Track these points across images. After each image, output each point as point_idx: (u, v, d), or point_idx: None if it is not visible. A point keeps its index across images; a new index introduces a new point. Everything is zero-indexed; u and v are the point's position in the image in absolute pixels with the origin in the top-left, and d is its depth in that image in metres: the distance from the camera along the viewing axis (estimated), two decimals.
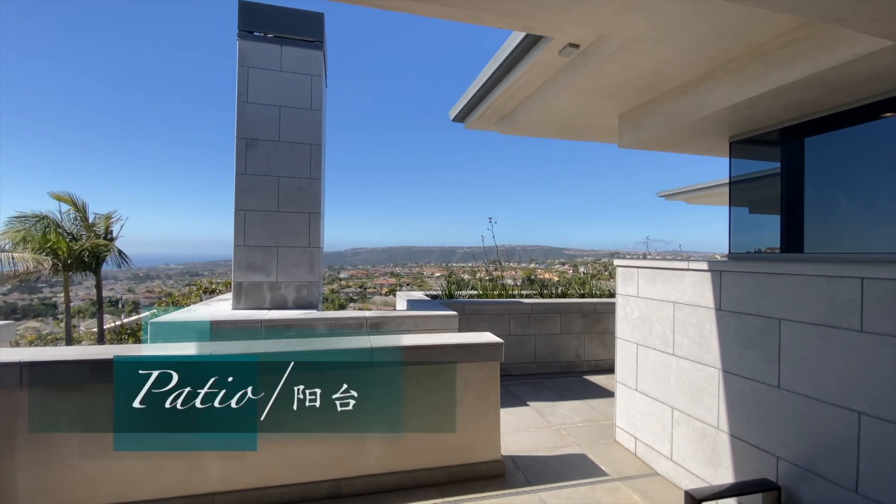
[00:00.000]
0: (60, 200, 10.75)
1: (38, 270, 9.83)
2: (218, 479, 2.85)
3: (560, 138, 5.44)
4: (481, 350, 3.26)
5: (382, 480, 3.11)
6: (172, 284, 32.93)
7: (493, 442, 3.33)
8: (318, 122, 5.35)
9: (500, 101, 4.21)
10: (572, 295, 7.27)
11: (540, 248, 65.10)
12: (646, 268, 3.69)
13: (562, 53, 3.20)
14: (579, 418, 4.62)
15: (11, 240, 10.05)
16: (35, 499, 2.61)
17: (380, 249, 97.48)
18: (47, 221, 10.58)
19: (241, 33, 5.07)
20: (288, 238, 5.26)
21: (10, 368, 2.57)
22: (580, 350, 6.44)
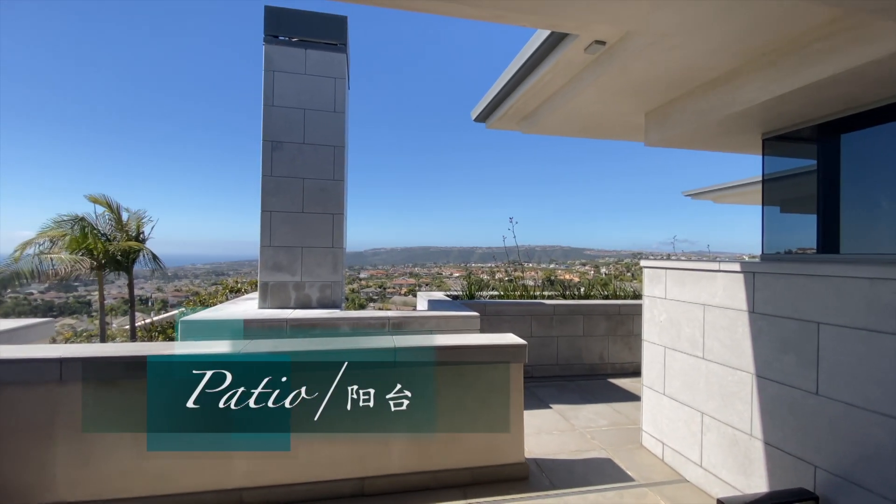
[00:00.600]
0: (96, 203, 11.19)
1: (77, 271, 10.27)
2: (245, 475, 2.91)
3: (583, 137, 5.36)
4: (505, 351, 3.24)
5: (405, 480, 3.12)
6: (199, 284, 33.86)
7: (516, 444, 3.31)
8: (341, 124, 5.41)
9: (522, 100, 4.18)
10: (595, 296, 7.16)
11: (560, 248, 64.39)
12: (674, 269, 3.60)
13: (587, 51, 3.15)
14: (604, 422, 4.54)
15: (51, 240, 10.53)
16: (74, 491, 2.71)
17: (399, 250, 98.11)
18: (84, 223, 11.03)
19: (266, 38, 5.17)
20: (312, 239, 5.34)
21: (49, 364, 2.67)
22: (604, 353, 6.33)
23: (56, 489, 2.69)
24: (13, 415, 2.64)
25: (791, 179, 3.73)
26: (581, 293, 7.34)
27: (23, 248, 10.53)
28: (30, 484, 2.66)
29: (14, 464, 2.64)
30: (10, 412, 2.64)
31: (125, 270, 11.51)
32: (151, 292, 34.50)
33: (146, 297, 31.98)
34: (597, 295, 7.21)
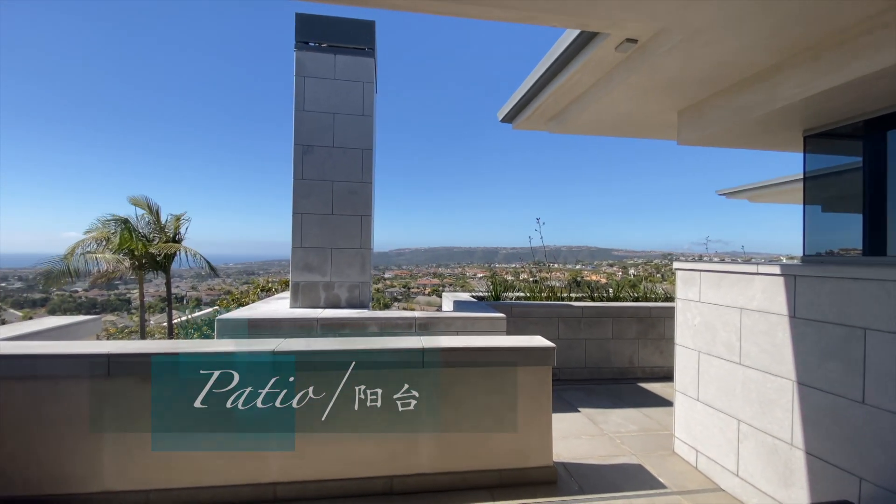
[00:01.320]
0: (136, 205, 11.75)
1: (120, 270, 10.81)
2: (279, 470, 2.99)
3: (613, 136, 5.28)
4: (533, 354, 3.23)
5: (434, 480, 3.14)
6: (231, 283, 34.97)
7: (544, 447, 3.29)
8: (369, 127, 5.50)
9: (550, 100, 4.15)
10: (625, 298, 7.02)
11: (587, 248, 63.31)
12: (709, 271, 3.50)
13: (618, 49, 3.11)
14: (634, 427, 4.45)
15: (96, 241, 11.12)
16: (119, 480, 2.86)
17: (423, 250, 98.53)
18: (127, 225, 11.59)
19: (297, 44, 5.31)
20: (341, 240, 5.45)
21: (97, 359, 2.83)
22: (634, 356, 6.20)
23: (103, 479, 2.84)
24: (66, 407, 2.80)
25: (834, 177, 3.57)
26: (610, 295, 7.21)
27: (73, 249, 11.16)
28: (81, 474, 2.81)
29: (67, 454, 2.80)
30: (64, 404, 2.80)
31: (163, 270, 12.03)
32: (186, 291, 35.86)
33: (181, 295, 33.25)
34: (626, 297, 7.07)
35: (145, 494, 2.85)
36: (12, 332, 3.45)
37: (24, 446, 2.78)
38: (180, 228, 12.43)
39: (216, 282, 36.95)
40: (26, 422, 2.78)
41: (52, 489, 2.79)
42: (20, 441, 2.78)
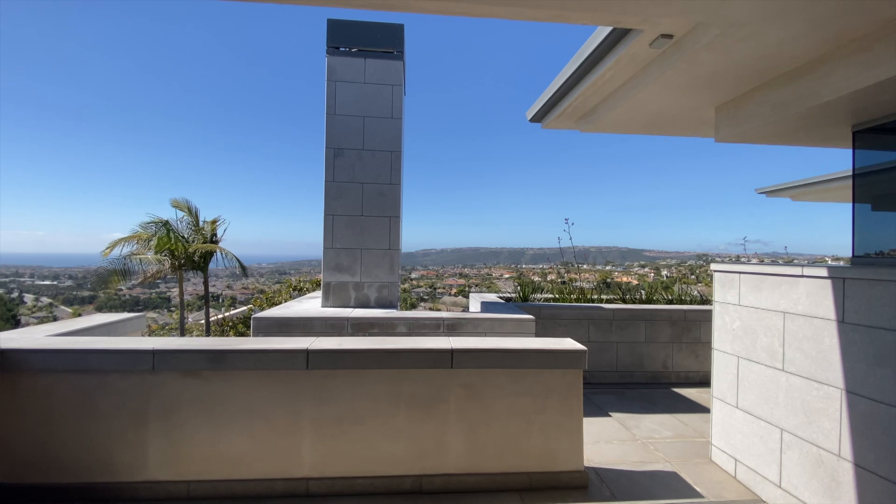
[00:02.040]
0: (178, 207, 12.30)
1: (163, 271, 11.34)
2: (311, 466, 3.06)
3: (645, 134, 5.14)
4: (564, 356, 3.18)
5: (462, 480, 3.15)
6: (264, 282, 36.03)
7: (575, 451, 3.24)
8: (398, 129, 5.56)
9: (581, 99, 4.08)
10: (658, 301, 6.82)
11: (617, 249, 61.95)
12: (749, 273, 3.36)
13: (652, 45, 3.03)
14: (668, 433, 4.33)
15: (139, 242, 11.71)
16: (162, 470, 2.99)
17: (449, 250, 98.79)
18: (168, 227, 12.14)
19: (329, 49, 5.42)
20: (370, 241, 5.53)
21: (143, 355, 2.97)
22: (668, 360, 6.02)
23: (148, 469, 2.98)
24: (115, 400, 2.96)
25: (886, 174, 3.37)
26: (642, 297, 7.02)
27: (112, 247, 11.77)
28: (128, 463, 2.96)
29: (116, 444, 2.96)
30: (113, 397, 2.96)
31: (201, 269, 12.52)
32: (221, 290, 37.18)
33: (217, 294, 34.49)
34: (660, 299, 6.87)
35: (186, 485, 2.98)
36: (64, 328, 3.67)
37: (75, 436, 2.95)
38: (217, 230, 12.94)
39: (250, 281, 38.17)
40: (78, 413, 2.95)
41: (101, 477, 2.95)
42: (72, 431, 2.95)
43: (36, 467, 2.92)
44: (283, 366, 3.04)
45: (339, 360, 3.08)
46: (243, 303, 23.18)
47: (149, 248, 11.65)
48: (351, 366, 3.10)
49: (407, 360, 3.13)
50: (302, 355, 3.04)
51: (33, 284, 50.76)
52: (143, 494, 2.94)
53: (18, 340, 3.08)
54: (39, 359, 2.92)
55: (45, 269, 57.70)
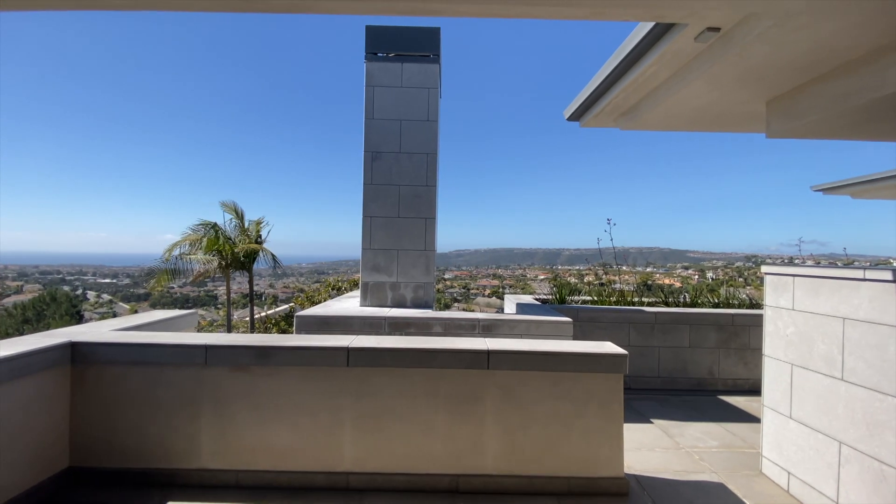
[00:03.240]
0: (226, 209, 12.95)
1: (211, 270, 11.98)
2: (352, 461, 3.15)
3: (690, 130, 4.96)
4: (604, 360, 3.12)
5: (499, 482, 3.14)
6: (303, 281, 37.22)
7: (615, 457, 3.16)
8: (433, 132, 5.62)
9: (621, 96, 3.98)
10: (704, 304, 6.54)
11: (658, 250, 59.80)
12: (805, 276, 3.18)
13: (698, 40, 2.92)
14: (714, 443, 4.15)
15: (190, 243, 12.41)
16: (213, 459, 3.16)
17: (482, 251, 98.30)
18: (217, 228, 12.80)
19: (367, 56, 5.55)
20: (407, 241, 5.61)
21: (196, 350, 3.15)
22: (713, 367, 5.77)
23: (200, 457, 3.16)
24: (171, 391, 3.16)
25: None
26: (686, 300, 6.76)
27: (170, 249, 12.55)
28: (182, 450, 3.15)
29: (173, 432, 3.15)
30: (169, 389, 3.16)
31: (246, 269, 13.10)
32: (264, 288, 38.70)
33: (260, 292, 35.92)
34: (705, 303, 6.58)
35: (235, 474, 3.13)
36: (127, 323, 3.94)
37: (136, 424, 3.17)
38: (261, 231, 13.51)
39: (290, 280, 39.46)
40: (139, 403, 3.17)
41: (159, 463, 3.15)
42: (134, 419, 3.17)
43: (102, 452, 3.16)
44: (325, 362, 3.14)
45: (378, 359, 3.15)
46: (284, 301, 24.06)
47: (199, 249, 12.32)
48: (389, 364, 3.16)
49: (444, 360, 3.16)
50: (343, 353, 3.13)
51: (95, 282, 54.73)
52: (196, 481, 3.12)
53: (87, 334, 3.34)
54: (105, 351, 3.16)
55: (105, 269, 62.10)
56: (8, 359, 2.68)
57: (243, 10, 2.84)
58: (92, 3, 2.67)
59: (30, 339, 3.15)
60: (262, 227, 13.51)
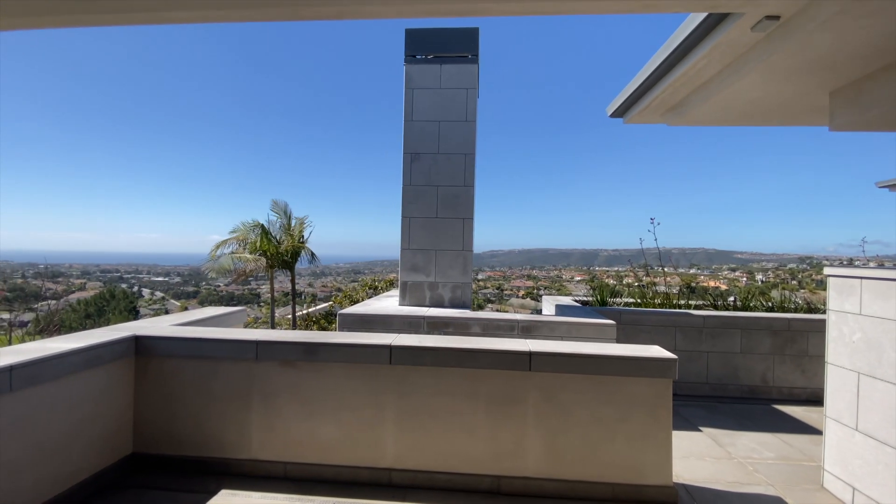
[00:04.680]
0: (275, 209, 13.51)
1: (256, 269, 12.52)
2: (394, 457, 3.20)
3: (742, 125, 4.72)
4: (651, 364, 3.02)
5: (540, 485, 3.11)
6: (341, 280, 38.14)
7: (663, 465, 3.05)
8: (471, 132, 5.62)
9: (669, 90, 3.85)
10: (756, 308, 6.21)
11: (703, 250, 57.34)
12: (874, 278, 2.96)
13: (755, 29, 2.79)
14: (770, 454, 3.93)
15: (238, 242, 13.01)
16: (262, 451, 3.29)
17: (517, 251, 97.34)
18: (263, 229, 13.35)
19: (406, 58, 5.62)
20: (444, 242, 5.64)
21: (248, 345, 3.29)
22: (767, 374, 5.46)
23: (251, 448, 3.30)
24: (225, 384, 3.31)
25: None
26: (736, 303, 6.43)
27: (217, 248, 13.21)
28: (235, 441, 3.30)
29: (226, 423, 3.31)
30: (224, 382, 3.31)
31: (289, 268, 13.58)
32: (303, 287, 39.96)
33: (300, 291, 37.06)
34: (758, 306, 6.25)
35: (283, 466, 3.25)
36: (184, 318, 4.17)
37: (192, 414, 3.34)
38: (304, 231, 13.98)
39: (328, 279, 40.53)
40: (195, 394, 3.34)
41: (213, 453, 3.31)
42: (190, 410, 3.34)
43: (162, 440, 3.36)
44: (369, 360, 3.21)
45: (419, 357, 3.19)
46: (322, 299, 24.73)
47: (245, 249, 12.90)
48: (430, 363, 3.19)
49: (484, 361, 3.16)
50: (386, 351, 3.19)
51: (149, 280, 58.23)
52: (247, 471, 3.26)
53: (149, 329, 3.56)
54: (165, 345, 3.36)
55: (158, 268, 65.97)
56: (81, 350, 2.90)
57: (291, 18, 2.94)
58: (117, 17, 2.82)
59: (99, 332, 3.39)
60: (305, 226, 13.99)
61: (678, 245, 56.95)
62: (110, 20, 2.89)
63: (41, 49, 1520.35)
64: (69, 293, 36.58)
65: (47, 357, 2.68)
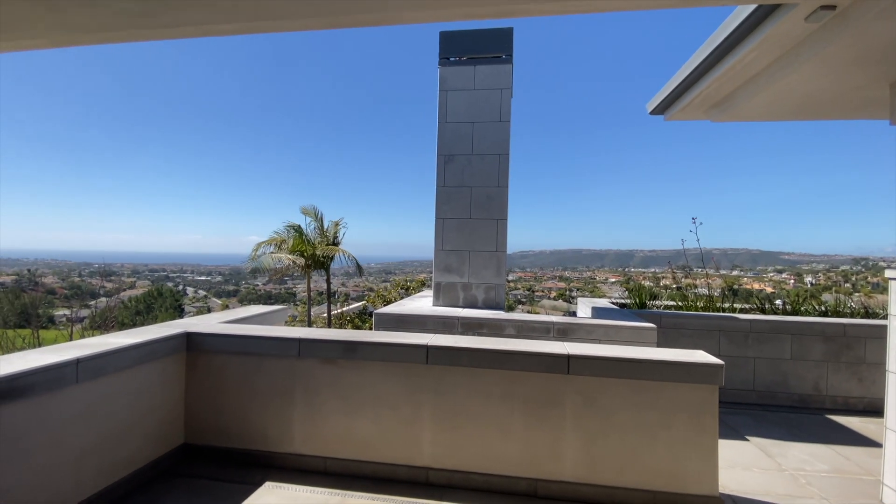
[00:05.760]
0: (306, 214, 13.91)
1: (293, 269, 12.94)
2: (431, 457, 3.23)
3: (792, 120, 4.50)
4: (696, 370, 2.92)
5: (577, 490, 3.06)
6: (372, 280, 38.75)
7: (708, 474, 2.95)
8: (505, 132, 5.60)
9: (714, 86, 3.71)
10: (808, 312, 5.89)
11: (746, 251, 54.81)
12: None
13: (809, 20, 2.66)
14: (824, 466, 3.72)
15: (276, 245, 13.49)
16: (304, 445, 3.40)
17: (548, 252, 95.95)
18: (299, 231, 13.79)
19: (440, 61, 5.66)
20: (478, 243, 5.65)
21: (291, 343, 3.41)
22: (820, 382, 5.17)
23: (293, 442, 3.41)
24: (269, 380, 3.44)
25: None
26: (785, 307, 6.12)
27: (257, 249, 13.76)
28: (278, 435, 3.42)
29: (270, 418, 3.44)
30: (267, 378, 3.44)
31: (324, 268, 13.95)
32: (336, 287, 40.81)
33: (333, 290, 37.81)
34: (810, 310, 5.92)
35: (323, 461, 3.34)
36: (230, 316, 4.36)
37: (239, 408, 3.49)
38: (338, 233, 14.34)
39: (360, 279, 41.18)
40: (241, 389, 3.49)
41: (258, 445, 3.45)
42: (237, 404, 3.49)
43: (210, 432, 3.52)
44: (406, 359, 3.25)
45: (455, 358, 3.21)
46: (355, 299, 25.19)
47: (282, 250, 13.37)
48: (466, 364, 3.20)
49: (521, 363, 3.14)
50: (423, 350, 3.23)
51: (193, 279, 61.05)
52: (290, 464, 3.38)
53: (199, 325, 3.74)
54: (214, 341, 3.52)
55: (201, 267, 69.11)
56: (139, 345, 3.09)
57: (331, 26, 3.03)
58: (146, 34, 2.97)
59: (154, 328, 3.59)
60: (340, 228, 14.36)
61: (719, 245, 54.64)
62: (164, 34, 3.06)
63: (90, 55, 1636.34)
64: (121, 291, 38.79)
65: (109, 351, 2.86)
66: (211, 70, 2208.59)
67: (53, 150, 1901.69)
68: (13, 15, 2.75)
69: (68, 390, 2.64)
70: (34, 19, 2.82)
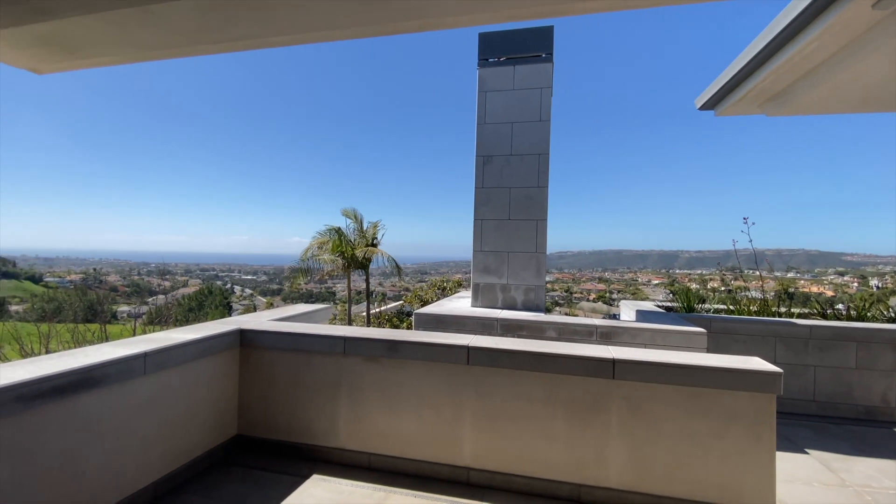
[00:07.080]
0: (346, 216, 14.33)
1: (334, 270, 13.36)
2: (471, 457, 3.25)
3: (858, 112, 4.19)
4: (752, 378, 2.79)
5: (623, 497, 2.99)
6: (409, 281, 39.20)
7: (765, 488, 2.80)
8: (545, 132, 5.53)
9: (770, 78, 3.53)
10: (875, 318, 5.47)
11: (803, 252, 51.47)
12: None
13: (877, 7, 2.49)
14: (892, 483, 3.45)
15: (318, 246, 13.98)
16: (349, 441, 3.50)
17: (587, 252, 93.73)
18: (340, 233, 14.22)
19: (480, 62, 5.67)
20: (517, 244, 5.61)
21: (338, 340, 3.52)
22: (889, 393, 4.79)
23: (338, 438, 3.52)
24: (317, 376, 3.57)
25: None
26: (849, 312, 5.71)
27: (306, 251, 14.34)
28: (324, 430, 3.55)
29: (316, 413, 3.57)
30: (316, 374, 3.58)
31: (364, 269, 14.30)
32: (374, 287, 41.55)
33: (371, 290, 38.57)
34: (878, 316, 5.49)
35: (367, 456, 3.43)
36: (280, 314, 4.55)
37: (287, 403, 3.64)
38: (377, 234, 14.68)
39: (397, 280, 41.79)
40: (289, 384, 3.64)
41: (305, 439, 3.58)
42: (286, 398, 3.65)
43: (261, 425, 3.69)
44: (447, 359, 3.29)
45: (496, 359, 3.21)
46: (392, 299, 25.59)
47: (325, 251, 13.85)
48: (507, 365, 3.19)
49: (564, 366, 3.10)
50: (463, 351, 3.25)
51: (240, 278, 64.06)
52: (335, 458, 3.49)
53: (251, 323, 3.93)
54: (265, 338, 3.69)
55: (248, 267, 72.45)
56: (198, 340, 3.28)
57: (378, 34, 3.11)
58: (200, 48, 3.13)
59: (210, 325, 3.81)
60: (378, 230, 14.69)
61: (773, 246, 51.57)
62: (222, 49, 3.25)
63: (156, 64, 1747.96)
64: (175, 289, 41.18)
65: (172, 346, 3.07)
66: (243, 76, 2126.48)
67: (120, 156, 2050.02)
68: (89, 36, 3.00)
69: (136, 381, 2.85)
70: (107, 40, 3.07)
